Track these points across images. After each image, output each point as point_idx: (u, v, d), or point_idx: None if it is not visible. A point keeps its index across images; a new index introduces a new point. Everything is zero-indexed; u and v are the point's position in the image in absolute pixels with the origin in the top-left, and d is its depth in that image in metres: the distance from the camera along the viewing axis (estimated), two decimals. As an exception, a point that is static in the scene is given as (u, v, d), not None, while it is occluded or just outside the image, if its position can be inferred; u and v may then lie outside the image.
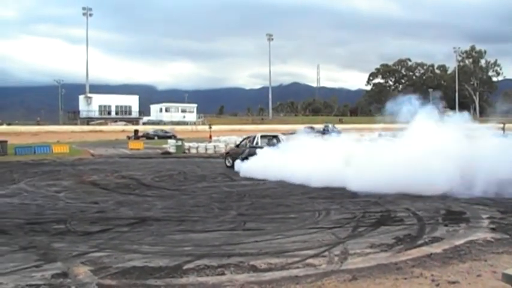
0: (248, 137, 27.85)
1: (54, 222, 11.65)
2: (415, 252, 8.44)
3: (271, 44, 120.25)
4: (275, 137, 26.94)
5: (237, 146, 28.03)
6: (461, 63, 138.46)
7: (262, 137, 26.55)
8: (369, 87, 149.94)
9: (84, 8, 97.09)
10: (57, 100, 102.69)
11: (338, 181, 16.49)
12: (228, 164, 25.90)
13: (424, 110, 17.46)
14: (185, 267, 7.64)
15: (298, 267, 7.59)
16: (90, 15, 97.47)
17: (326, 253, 8.39)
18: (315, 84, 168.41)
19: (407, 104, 17.93)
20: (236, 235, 10.07)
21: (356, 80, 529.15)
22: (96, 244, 9.26)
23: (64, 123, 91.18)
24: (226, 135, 47.13)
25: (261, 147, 24.13)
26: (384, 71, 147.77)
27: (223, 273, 7.34)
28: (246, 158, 23.95)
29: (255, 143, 25.84)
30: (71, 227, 10.96)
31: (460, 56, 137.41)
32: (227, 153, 28.07)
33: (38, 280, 7.12)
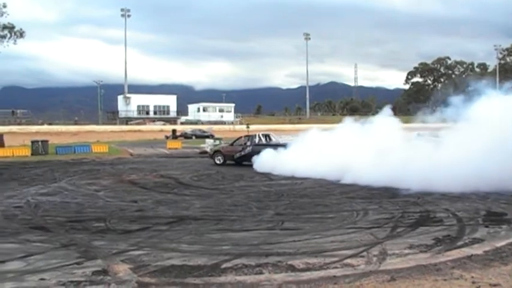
0: (246, 136, 28.83)
1: (94, 220, 11.86)
2: (455, 254, 8.29)
3: (309, 43, 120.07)
4: (267, 136, 27.96)
5: (232, 144, 28.68)
6: (502, 61, 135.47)
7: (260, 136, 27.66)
8: (407, 86, 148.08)
9: (122, 10, 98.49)
10: (96, 100, 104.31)
11: (397, 180, 16.16)
12: (218, 162, 27.50)
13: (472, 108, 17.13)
14: (223, 266, 7.69)
15: (336, 267, 7.55)
16: (129, 16, 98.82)
17: (364, 253, 8.33)
18: (352, 84, 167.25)
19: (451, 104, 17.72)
20: (274, 234, 10.08)
21: (394, 79, 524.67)
22: (136, 242, 9.39)
23: (103, 123, 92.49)
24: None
25: (264, 146, 25.82)
26: (423, 69, 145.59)
27: (261, 273, 7.36)
28: (246, 156, 26.30)
29: (257, 141, 26.85)
30: (110, 225, 11.15)
31: (501, 53, 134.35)
32: (216, 151, 28.64)
33: (79, 277, 7.26)
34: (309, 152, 21.56)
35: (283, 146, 25.05)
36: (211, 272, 7.39)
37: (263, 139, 27.16)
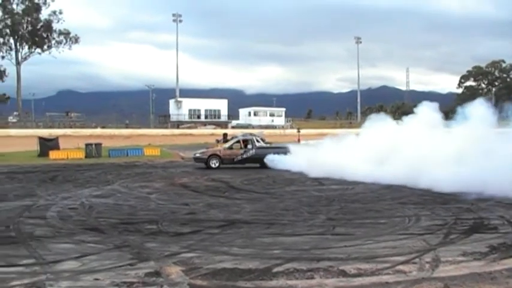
0: (238, 138, 30.33)
1: (147, 222, 12.10)
2: (510, 262, 8.13)
3: (360, 47, 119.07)
4: (252, 137, 30.03)
5: (230, 147, 29.40)
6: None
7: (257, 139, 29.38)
8: (460, 90, 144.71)
9: (174, 15, 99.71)
10: (148, 104, 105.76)
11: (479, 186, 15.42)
12: (214, 166, 28.38)
13: None
14: (274, 270, 7.74)
15: (388, 274, 7.51)
16: (180, 21, 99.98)
17: (417, 260, 8.25)
18: (404, 88, 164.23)
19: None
20: (325, 239, 10.09)
21: (447, 83, 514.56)
22: (187, 245, 9.54)
23: (155, 127, 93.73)
24: (314, 139, 46.92)
25: (267, 149, 28.64)
26: (476, 73, 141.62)
27: (312, 277, 7.38)
28: (249, 158, 28.30)
29: (257, 144, 28.82)
30: (162, 228, 11.35)
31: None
32: (212, 155, 29.03)
33: (132, 278, 7.43)
34: (364, 153, 21.58)
35: (284, 149, 28.34)
36: (262, 276, 7.45)
37: (261, 142, 29.27)
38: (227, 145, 30.10)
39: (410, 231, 10.69)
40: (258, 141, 29.25)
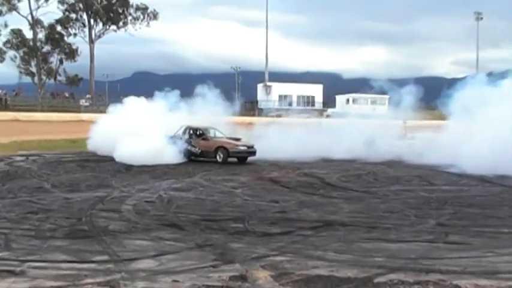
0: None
1: (232, 220, 12.25)
2: None
3: (480, 24, 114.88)
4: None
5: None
6: None
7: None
8: None
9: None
10: (233, 89, 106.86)
11: None
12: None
13: None
14: (376, 280, 7.60)
15: (512, 292, 7.22)
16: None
17: (549, 278, 7.88)
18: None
19: None
20: (436, 248, 9.82)
21: None
22: (277, 247, 9.55)
23: (241, 114, 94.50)
24: (423, 132, 45.82)
25: None
26: None
27: (420, 291, 7.21)
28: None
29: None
30: (249, 227, 11.43)
31: None
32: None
33: (215, 281, 7.49)
34: None
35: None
36: (362, 286, 7.34)
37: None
38: None
39: (540, 244, 10.24)
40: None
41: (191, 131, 29.11)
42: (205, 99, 32.65)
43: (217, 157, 27.45)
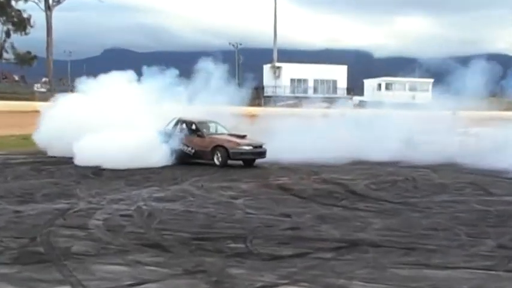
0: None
1: (230, 239, 12.25)
2: None
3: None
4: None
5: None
6: None
7: None
8: None
9: None
10: (233, 70, 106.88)
11: None
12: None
13: None
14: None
15: None
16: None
17: None
18: None
19: None
20: (496, 277, 9.80)
21: None
22: (288, 273, 9.55)
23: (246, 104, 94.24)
24: (480, 126, 45.67)
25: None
26: None
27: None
28: None
29: None
30: (252, 247, 11.44)
31: None
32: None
33: (209, 320, 7.50)
34: None
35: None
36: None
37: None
38: None
39: None
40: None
41: (183, 125, 28.85)
42: (209, 81, 32.22)
43: (215, 159, 27.27)
